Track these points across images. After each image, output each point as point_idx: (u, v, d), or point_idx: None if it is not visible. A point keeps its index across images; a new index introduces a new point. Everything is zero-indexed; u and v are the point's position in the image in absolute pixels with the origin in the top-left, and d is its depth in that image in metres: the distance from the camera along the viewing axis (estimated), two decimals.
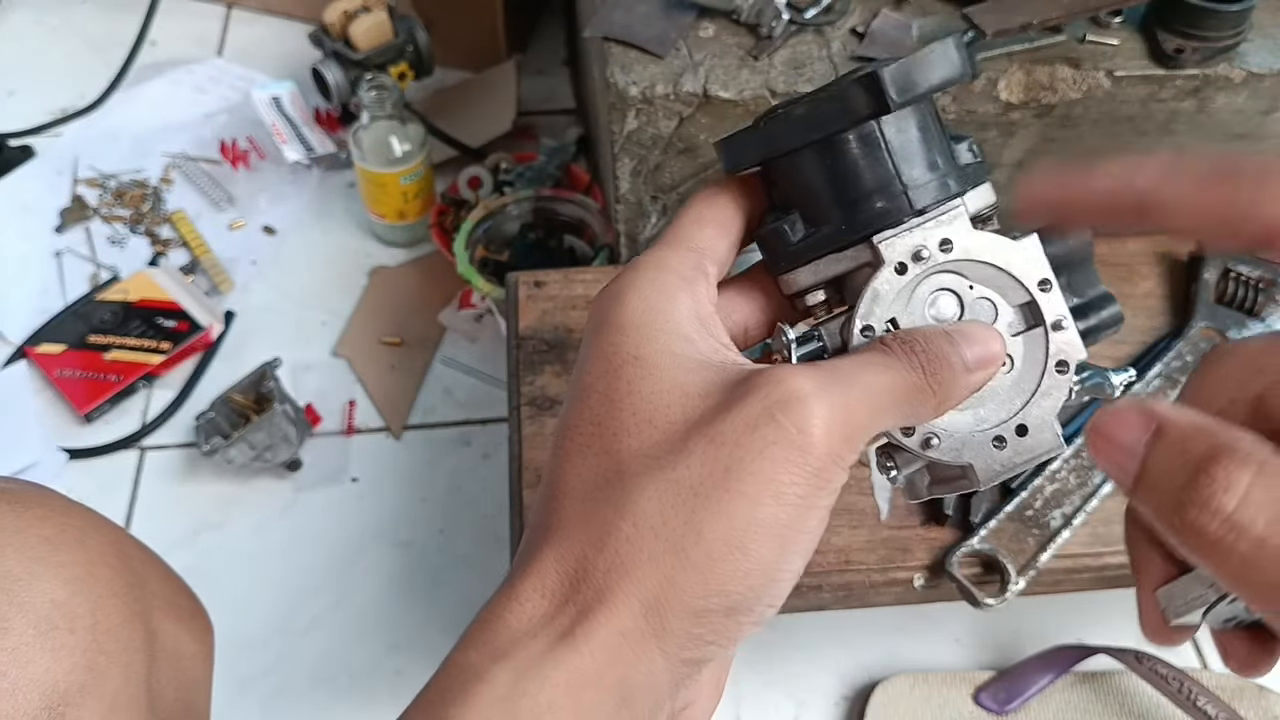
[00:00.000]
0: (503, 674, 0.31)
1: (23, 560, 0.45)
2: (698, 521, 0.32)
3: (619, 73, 0.88)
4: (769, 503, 0.32)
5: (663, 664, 0.32)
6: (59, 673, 0.44)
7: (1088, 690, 0.91)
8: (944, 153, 0.39)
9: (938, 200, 0.38)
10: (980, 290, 0.38)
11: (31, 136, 1.41)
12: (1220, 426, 0.29)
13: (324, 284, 1.26)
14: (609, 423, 0.35)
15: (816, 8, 0.91)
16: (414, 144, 1.22)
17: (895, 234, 0.37)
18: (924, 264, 0.38)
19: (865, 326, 0.37)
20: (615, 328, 0.36)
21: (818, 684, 0.95)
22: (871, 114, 0.37)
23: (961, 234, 0.38)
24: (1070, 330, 0.38)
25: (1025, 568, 0.75)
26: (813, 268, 0.39)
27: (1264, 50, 0.90)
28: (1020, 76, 0.88)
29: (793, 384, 0.33)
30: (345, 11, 1.26)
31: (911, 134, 0.38)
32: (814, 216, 0.38)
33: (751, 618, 0.34)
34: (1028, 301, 0.38)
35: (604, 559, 0.32)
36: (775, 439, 0.32)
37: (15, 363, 1.16)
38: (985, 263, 0.38)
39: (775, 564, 0.33)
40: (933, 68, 0.37)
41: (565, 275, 0.92)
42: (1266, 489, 0.26)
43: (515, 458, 0.82)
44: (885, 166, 0.37)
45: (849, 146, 0.37)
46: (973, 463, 0.38)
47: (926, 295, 0.38)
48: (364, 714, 0.94)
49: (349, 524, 1.06)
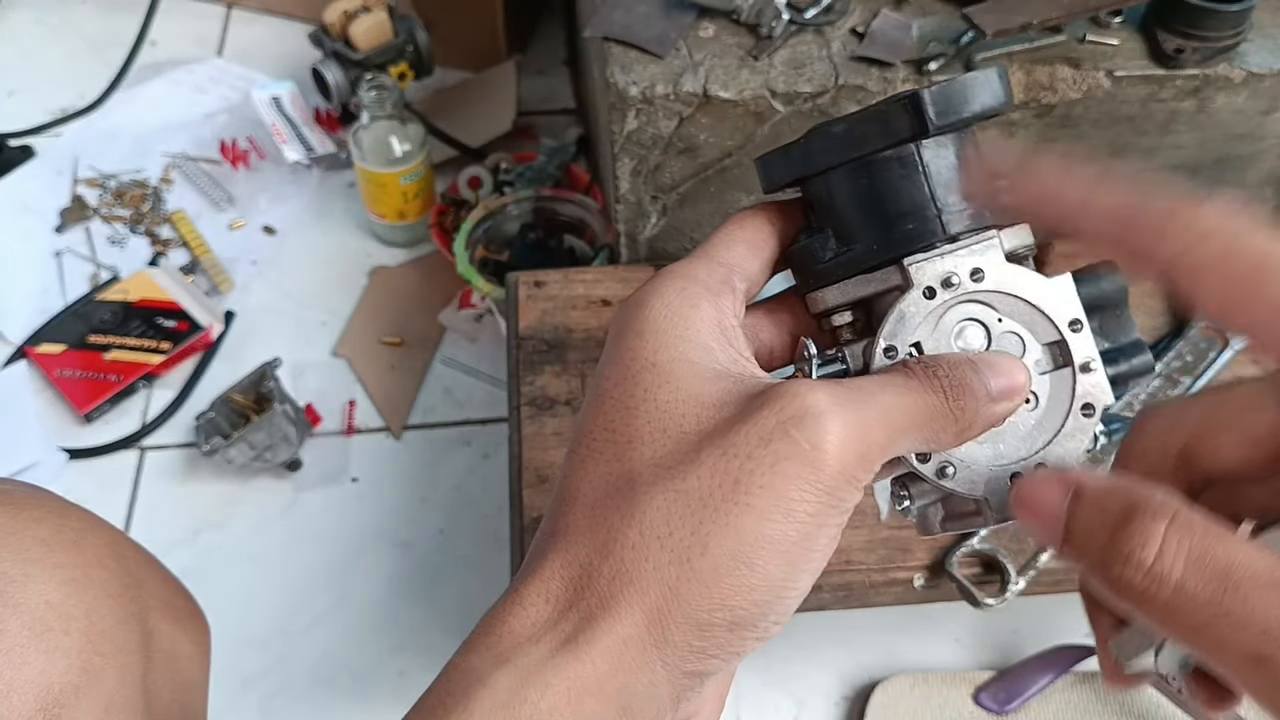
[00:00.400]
0: (504, 679, 0.31)
1: (18, 561, 0.45)
2: (704, 533, 0.32)
3: (619, 73, 0.88)
4: (778, 519, 0.32)
5: (664, 675, 0.32)
6: (54, 674, 0.44)
7: (1088, 690, 0.91)
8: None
9: (971, 229, 0.37)
10: (1009, 324, 0.38)
11: (31, 136, 1.41)
12: (1134, 485, 0.30)
13: (324, 284, 1.26)
14: (623, 429, 0.34)
15: (816, 8, 0.91)
16: (414, 144, 1.21)
17: (926, 258, 0.37)
18: (953, 291, 0.37)
19: (889, 348, 0.37)
20: (635, 333, 0.36)
21: (818, 684, 0.95)
22: (911, 136, 0.36)
23: (994, 265, 0.37)
24: (1099, 374, 0.37)
25: (1025, 568, 0.75)
26: (841, 287, 0.38)
27: (1264, 50, 0.90)
28: (1020, 76, 0.88)
29: (809, 399, 0.32)
30: (345, 11, 1.25)
31: (949, 160, 0.37)
32: (846, 236, 0.38)
33: (755, 633, 0.33)
34: (1057, 340, 0.38)
35: (609, 566, 0.32)
36: (788, 454, 0.32)
37: (15, 363, 1.16)
38: (1016, 296, 0.37)
39: (782, 581, 0.32)
40: (975, 95, 0.37)
41: (565, 275, 0.92)
42: (1180, 539, 0.28)
43: (515, 458, 0.82)
44: (921, 190, 0.37)
45: (886, 167, 0.37)
46: (988, 498, 0.37)
47: (953, 324, 0.37)
48: (364, 714, 0.94)
49: (349, 524, 1.06)
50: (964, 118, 0.36)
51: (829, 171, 0.38)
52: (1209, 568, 0.27)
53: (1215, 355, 0.86)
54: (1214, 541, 0.28)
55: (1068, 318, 0.37)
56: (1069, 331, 0.37)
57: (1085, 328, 0.37)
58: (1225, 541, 0.28)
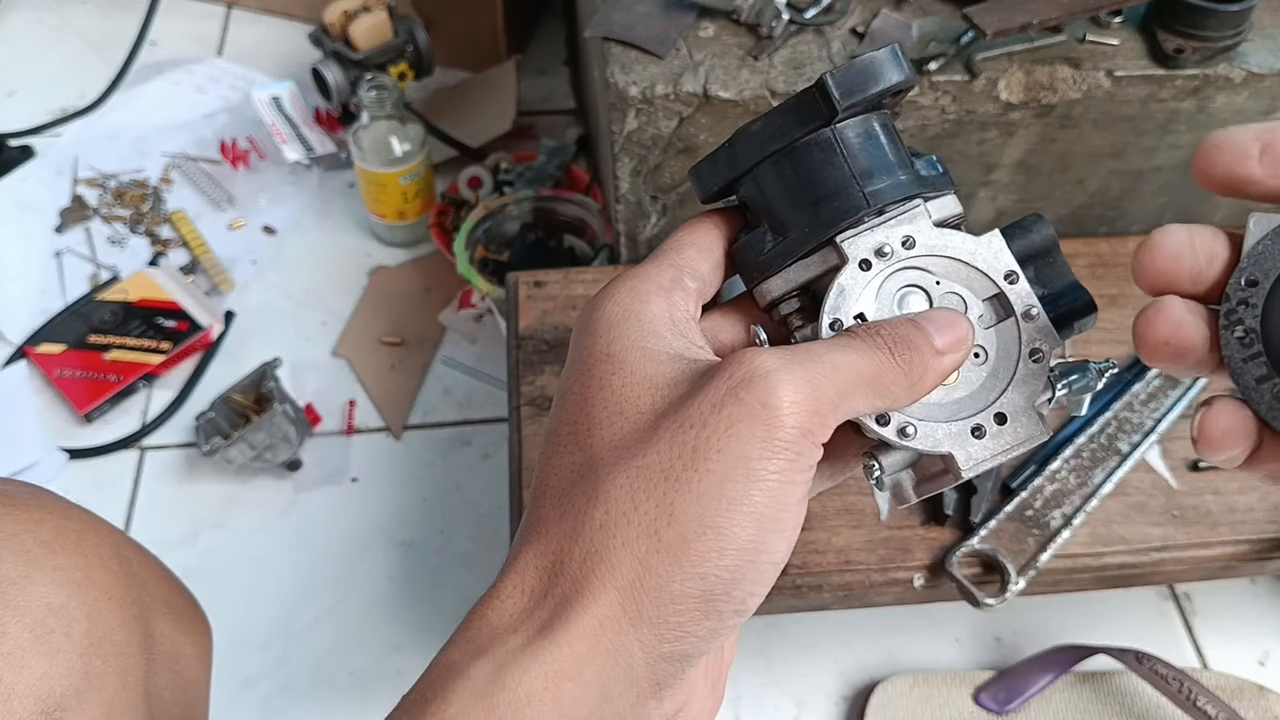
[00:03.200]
0: (481, 669, 0.31)
1: (18, 563, 0.45)
2: (669, 504, 0.32)
3: (619, 73, 0.88)
4: (740, 480, 0.32)
5: (641, 656, 0.32)
6: (55, 676, 0.44)
7: (1088, 690, 0.91)
8: (902, 160, 0.40)
9: (896, 200, 0.39)
10: (947, 285, 0.39)
11: (31, 136, 1.41)
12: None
13: (324, 284, 1.26)
14: (583, 420, 0.35)
15: (816, 8, 0.90)
16: (414, 144, 1.21)
17: (857, 233, 0.39)
18: (888, 260, 0.39)
19: (834, 321, 0.38)
20: (589, 332, 0.37)
21: (818, 684, 0.95)
22: (823, 120, 0.38)
23: (923, 231, 0.39)
24: (1041, 319, 0.39)
25: (1025, 568, 0.75)
26: (783, 276, 0.40)
27: (1264, 50, 0.90)
28: (1020, 76, 0.88)
29: (756, 362, 0.33)
30: (345, 11, 1.25)
31: (865, 139, 0.39)
32: (780, 227, 0.40)
33: (730, 604, 0.33)
34: (996, 294, 0.39)
35: (579, 549, 0.33)
36: (741, 415, 0.32)
37: (15, 363, 1.16)
38: (950, 258, 0.39)
39: (752, 544, 0.32)
40: (877, 73, 0.38)
41: (565, 275, 0.92)
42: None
43: (515, 458, 0.82)
44: (841, 169, 0.39)
45: (806, 153, 0.39)
46: (952, 452, 0.38)
47: (894, 293, 0.39)
48: (364, 714, 0.94)
49: (349, 524, 1.06)
50: (868, 95, 0.38)
51: (755, 169, 0.40)
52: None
53: None
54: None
55: (1003, 271, 0.39)
56: (1006, 284, 0.39)
57: (1021, 278, 0.39)
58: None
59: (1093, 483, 0.79)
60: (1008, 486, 0.79)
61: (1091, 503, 0.78)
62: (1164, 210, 1.03)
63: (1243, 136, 0.33)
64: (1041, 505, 0.78)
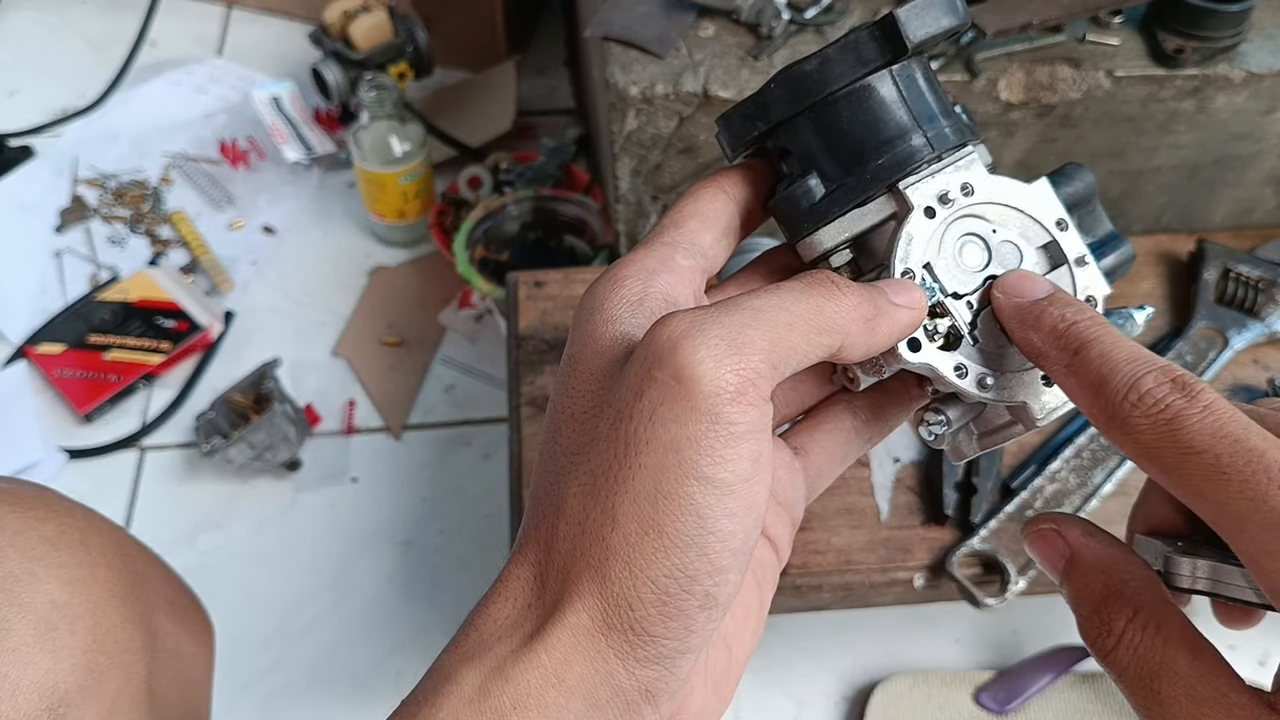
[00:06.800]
0: (471, 676, 0.31)
1: (23, 561, 0.45)
2: (611, 508, 0.31)
3: (619, 73, 0.88)
4: (672, 471, 0.30)
5: (619, 664, 0.31)
6: (59, 674, 0.44)
7: (1088, 690, 0.91)
8: (947, 107, 0.39)
9: (955, 145, 0.38)
10: (1003, 234, 0.38)
11: (31, 136, 1.41)
12: (1117, 564, 0.34)
13: (324, 284, 1.26)
14: (551, 427, 0.34)
15: (816, 8, 0.91)
16: (414, 144, 1.21)
17: (919, 179, 0.37)
18: (950, 208, 0.37)
19: (905, 270, 0.37)
20: (571, 330, 0.36)
21: (818, 684, 0.95)
22: (888, 59, 0.36)
23: (980, 178, 0.38)
24: (1093, 266, 0.38)
25: (1025, 568, 0.75)
26: (837, 225, 0.38)
27: (1264, 50, 0.90)
28: (1020, 76, 0.88)
29: (664, 331, 0.31)
30: (345, 11, 1.26)
31: (922, 83, 0.38)
32: (833, 173, 0.37)
33: (694, 601, 0.31)
34: (1049, 242, 0.38)
35: (554, 563, 0.32)
36: (659, 398, 0.30)
37: (15, 363, 1.16)
38: (1005, 205, 0.38)
39: (697, 534, 0.30)
40: (941, 13, 0.37)
41: (565, 275, 0.92)
42: (1134, 639, 0.32)
43: (515, 458, 0.82)
44: (903, 114, 0.37)
45: (866, 94, 0.37)
46: (1027, 400, 0.37)
47: (955, 241, 0.38)
48: (364, 714, 0.94)
49: (349, 524, 1.06)
50: (934, 34, 0.37)
51: (803, 113, 0.37)
52: (1143, 668, 0.31)
53: (1215, 355, 0.86)
54: (1155, 647, 0.31)
55: (1054, 218, 0.38)
56: (1058, 231, 0.38)
57: (1071, 226, 0.38)
58: (1163, 648, 0.31)
59: (1093, 483, 0.79)
60: (1008, 486, 0.79)
61: (1092, 503, 0.78)
62: (1164, 210, 1.03)
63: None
64: (1042, 505, 0.78)
